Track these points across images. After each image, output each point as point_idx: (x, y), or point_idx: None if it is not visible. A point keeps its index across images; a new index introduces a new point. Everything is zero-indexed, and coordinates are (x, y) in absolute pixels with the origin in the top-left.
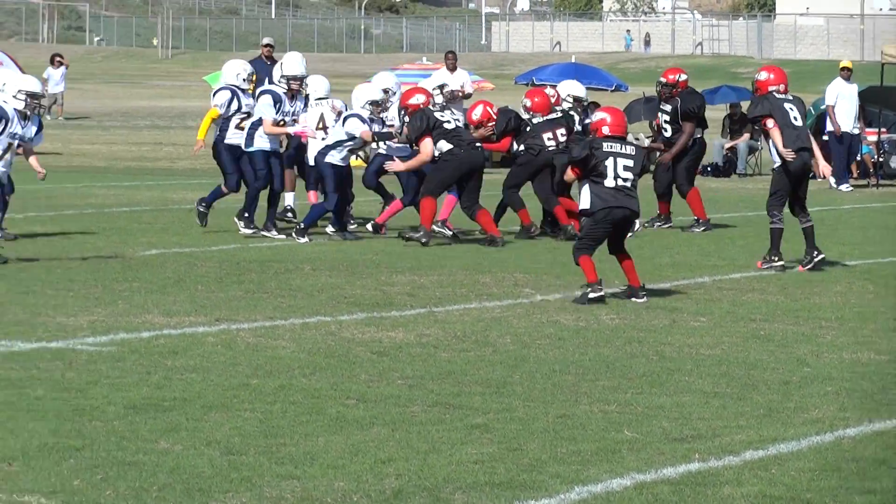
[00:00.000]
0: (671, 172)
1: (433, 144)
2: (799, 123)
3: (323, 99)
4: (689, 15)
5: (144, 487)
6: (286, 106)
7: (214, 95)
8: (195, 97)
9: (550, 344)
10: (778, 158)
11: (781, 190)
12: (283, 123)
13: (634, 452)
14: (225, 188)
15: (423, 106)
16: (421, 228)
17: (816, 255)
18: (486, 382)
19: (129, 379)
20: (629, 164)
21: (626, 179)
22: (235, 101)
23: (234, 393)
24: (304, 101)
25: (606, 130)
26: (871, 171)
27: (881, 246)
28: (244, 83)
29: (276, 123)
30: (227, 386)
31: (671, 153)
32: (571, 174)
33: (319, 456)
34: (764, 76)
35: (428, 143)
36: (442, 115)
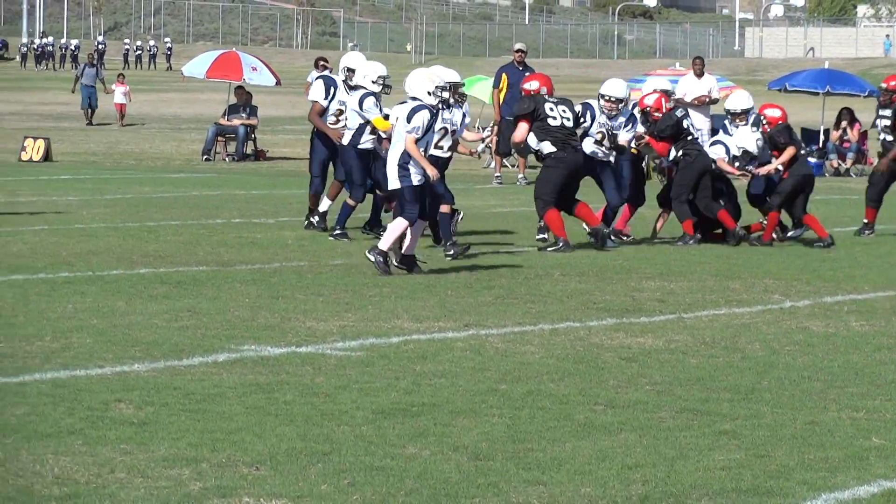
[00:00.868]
0: (886, 178)
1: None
2: None
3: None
4: None
5: (391, 493)
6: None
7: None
8: None
9: (799, 350)
10: None
11: None
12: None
13: (883, 459)
14: (352, 201)
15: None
16: (559, 240)
17: None
18: (734, 389)
19: (377, 384)
20: None
21: None
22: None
23: (482, 398)
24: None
25: None
26: None
27: None
28: (373, 86)
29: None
30: (475, 391)
31: (887, 158)
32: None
33: (566, 461)
34: None
35: (524, 126)
36: (552, 109)
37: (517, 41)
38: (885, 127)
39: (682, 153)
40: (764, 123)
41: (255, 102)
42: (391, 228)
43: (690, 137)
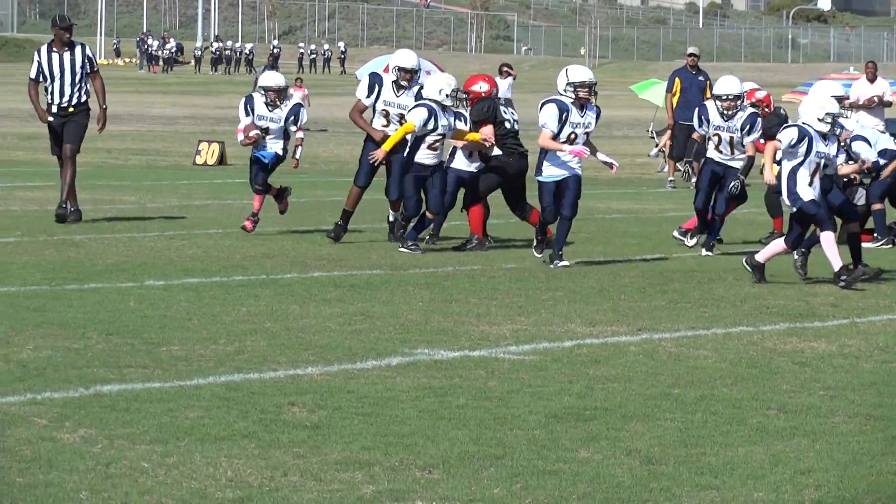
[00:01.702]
0: None
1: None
2: None
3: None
4: None
5: (563, 496)
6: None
7: (411, 111)
8: (621, 107)
9: None
10: None
11: None
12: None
13: None
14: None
15: (485, 95)
16: (473, 237)
17: None
18: None
19: (550, 388)
20: None
21: None
22: (433, 119)
23: (654, 402)
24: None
25: None
26: None
27: None
28: (447, 100)
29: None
30: (647, 395)
31: None
32: None
33: (739, 466)
34: None
35: (489, 130)
36: (504, 112)
37: (691, 45)
38: None
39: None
40: None
41: None
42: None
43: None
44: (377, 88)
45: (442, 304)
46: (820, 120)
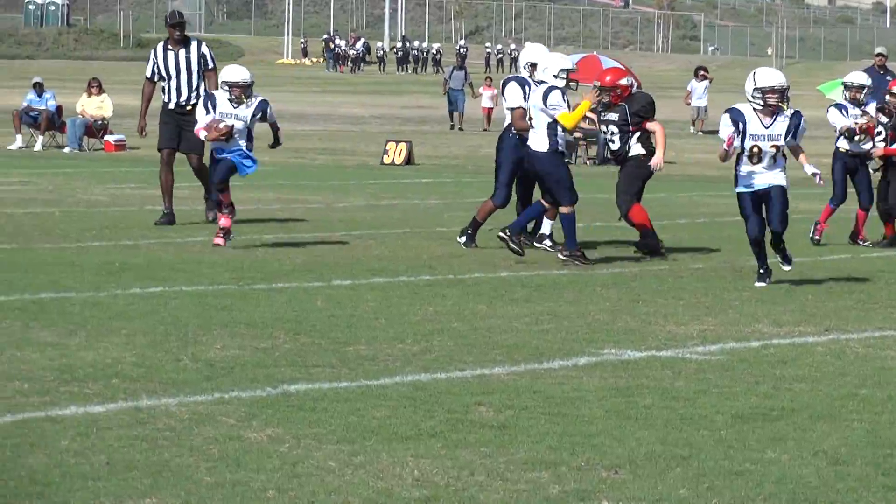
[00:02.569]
0: None
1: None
2: None
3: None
4: None
5: (750, 497)
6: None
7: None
8: (808, 107)
9: None
10: None
11: None
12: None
13: None
14: (566, 209)
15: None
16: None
17: None
18: None
19: (737, 388)
20: None
21: None
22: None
23: (841, 403)
24: None
25: None
26: None
27: None
28: (559, 81)
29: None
30: (835, 396)
31: None
32: None
33: None
34: None
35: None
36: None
37: (878, 45)
38: None
39: None
40: None
41: None
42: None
43: None
44: (527, 90)
45: (629, 304)
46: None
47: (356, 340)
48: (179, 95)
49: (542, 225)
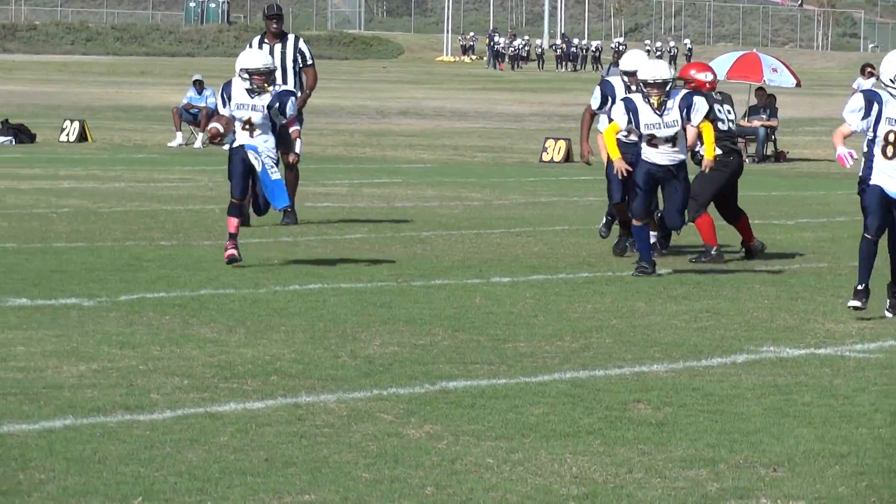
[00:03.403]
0: None
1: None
2: None
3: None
4: None
5: None
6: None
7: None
8: None
9: None
10: None
11: None
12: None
13: None
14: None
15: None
16: (709, 248)
17: None
18: None
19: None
20: None
21: None
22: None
23: None
24: None
25: None
26: None
27: None
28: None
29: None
30: None
31: None
32: None
33: None
34: None
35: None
36: (720, 110)
37: None
38: None
39: None
40: None
41: (776, 104)
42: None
43: None
44: (610, 99)
45: (788, 301)
46: None
47: (515, 337)
48: None
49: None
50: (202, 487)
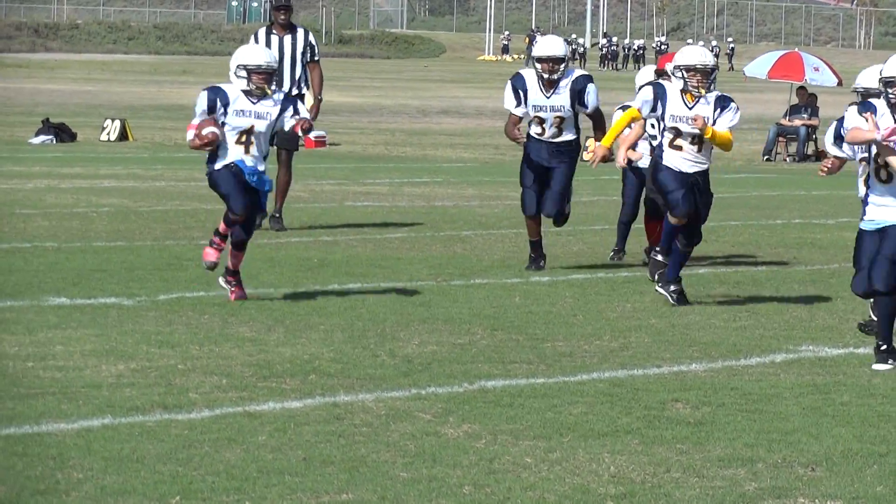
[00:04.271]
0: None
1: None
2: None
3: None
4: None
5: None
6: None
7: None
8: None
9: None
10: None
11: None
12: None
13: None
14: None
15: None
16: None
17: None
18: None
19: None
20: None
21: None
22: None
23: None
24: None
25: None
26: None
27: None
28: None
29: None
30: None
31: None
32: None
33: None
34: None
35: None
36: None
37: None
38: None
39: None
40: None
41: (817, 103)
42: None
43: None
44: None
45: (827, 300)
46: None
47: (553, 336)
48: (280, 85)
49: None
50: (240, 487)
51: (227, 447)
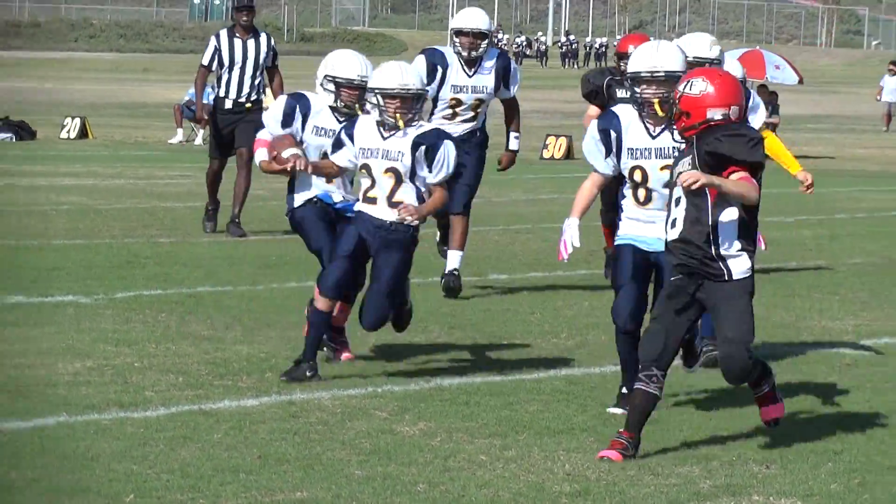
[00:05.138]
0: None
1: None
2: None
3: None
4: None
5: None
6: None
7: None
8: None
9: None
10: None
11: None
12: None
13: None
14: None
15: None
16: None
17: None
18: None
19: (889, 383)
20: None
21: None
22: None
23: None
24: None
25: None
26: None
27: None
28: None
29: None
30: None
31: None
32: None
33: None
34: None
35: None
36: None
37: None
38: None
39: None
40: None
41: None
42: None
43: None
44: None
45: (784, 298)
46: None
47: (510, 335)
48: (240, 90)
49: None
50: (195, 485)
51: (182, 445)
